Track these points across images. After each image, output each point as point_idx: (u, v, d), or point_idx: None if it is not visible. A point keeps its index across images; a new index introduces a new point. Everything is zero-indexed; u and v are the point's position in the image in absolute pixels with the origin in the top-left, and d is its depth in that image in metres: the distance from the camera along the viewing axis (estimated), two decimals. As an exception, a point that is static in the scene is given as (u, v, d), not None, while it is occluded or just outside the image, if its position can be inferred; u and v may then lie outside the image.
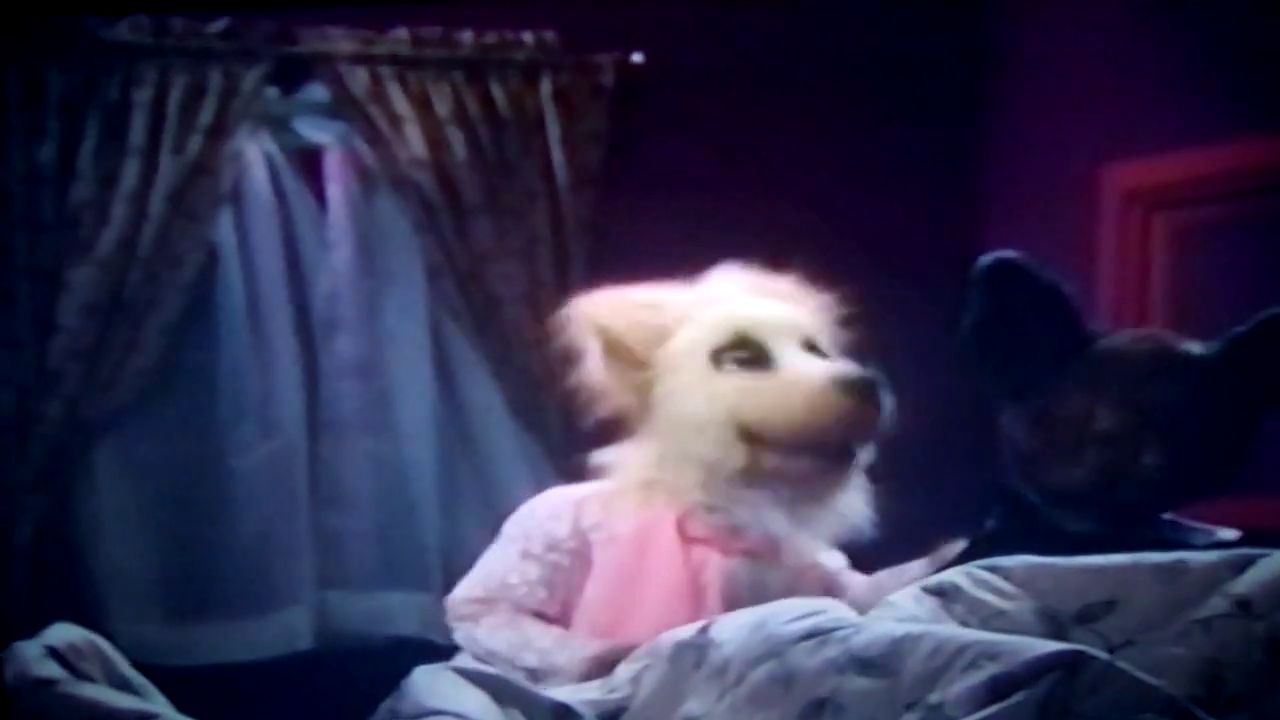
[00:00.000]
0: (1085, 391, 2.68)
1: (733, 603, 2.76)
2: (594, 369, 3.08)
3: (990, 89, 5.30)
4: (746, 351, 2.99)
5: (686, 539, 2.89)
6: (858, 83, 5.24)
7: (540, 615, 2.90)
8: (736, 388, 2.93)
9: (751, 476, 2.89)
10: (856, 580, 3.07)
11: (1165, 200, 4.69)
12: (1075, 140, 4.93)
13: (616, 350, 3.05)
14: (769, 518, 2.90)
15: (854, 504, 2.98)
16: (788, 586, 2.83)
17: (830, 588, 2.96)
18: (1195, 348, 2.76)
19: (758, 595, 2.78)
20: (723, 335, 3.04)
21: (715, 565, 2.87)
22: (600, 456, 3.05)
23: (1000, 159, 5.29)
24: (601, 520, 2.95)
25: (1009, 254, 2.76)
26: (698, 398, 2.95)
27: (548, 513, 3.02)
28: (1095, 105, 4.84)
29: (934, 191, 5.29)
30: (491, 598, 2.94)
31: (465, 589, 3.01)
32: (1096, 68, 4.85)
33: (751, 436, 2.89)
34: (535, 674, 2.72)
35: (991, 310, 2.75)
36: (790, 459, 2.89)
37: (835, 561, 3.09)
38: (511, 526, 3.06)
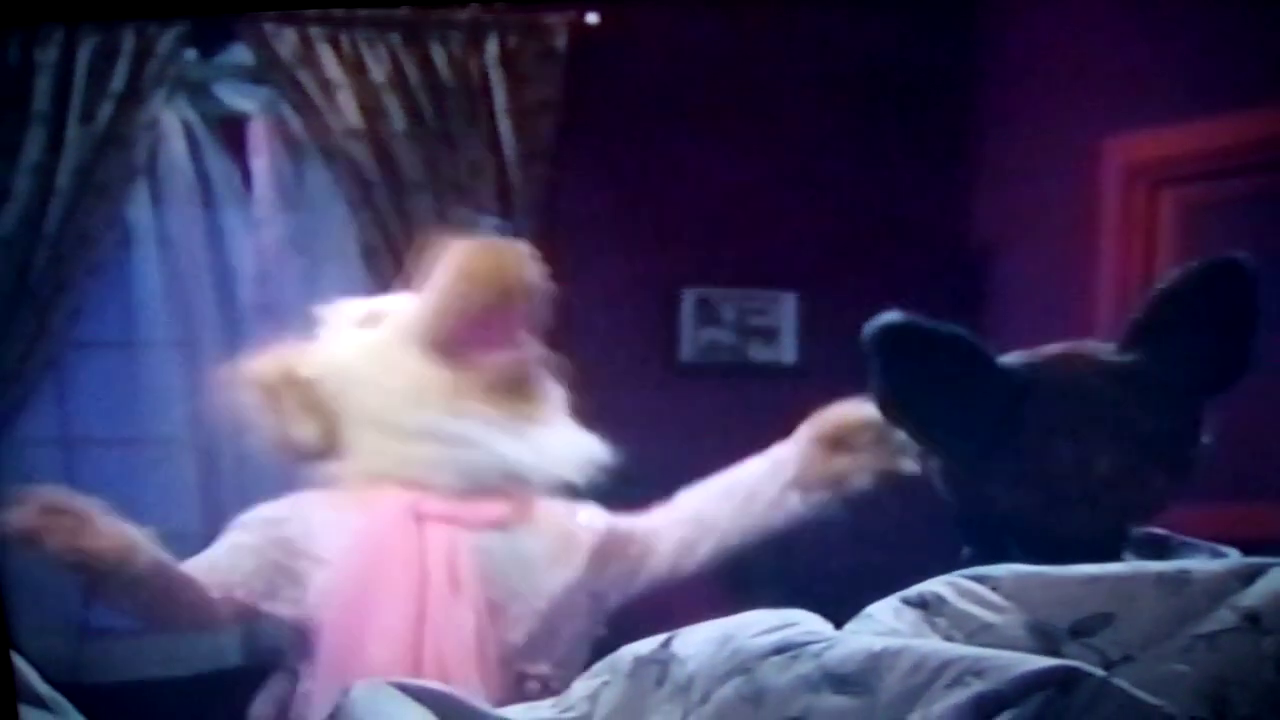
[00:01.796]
0: (1065, 437, 2.69)
1: (490, 579, 3.16)
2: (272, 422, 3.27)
3: (986, 56, 5.33)
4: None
5: (423, 521, 3.20)
6: (844, 49, 5.26)
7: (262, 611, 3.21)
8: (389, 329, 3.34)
9: (451, 400, 3.22)
10: (660, 521, 3.28)
11: (1173, 175, 4.72)
12: (1076, 110, 4.96)
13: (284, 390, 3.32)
14: (495, 444, 3.25)
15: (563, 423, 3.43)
16: (553, 553, 3.08)
17: (614, 546, 3.32)
18: (1117, 354, 2.79)
19: (520, 566, 3.23)
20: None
21: (462, 542, 3.10)
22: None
23: (996, 130, 5.33)
24: (334, 519, 3.24)
25: (897, 317, 2.77)
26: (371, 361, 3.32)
27: (277, 514, 3.18)
28: (1097, 72, 4.88)
29: (926, 167, 5.32)
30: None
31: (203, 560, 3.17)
32: (1099, 33, 4.88)
33: (435, 347, 3.25)
34: None
35: (900, 382, 2.76)
36: (472, 353, 3.28)
37: (602, 520, 3.46)
38: (238, 525, 3.22)
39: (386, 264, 4.94)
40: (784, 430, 5.24)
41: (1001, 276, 5.08)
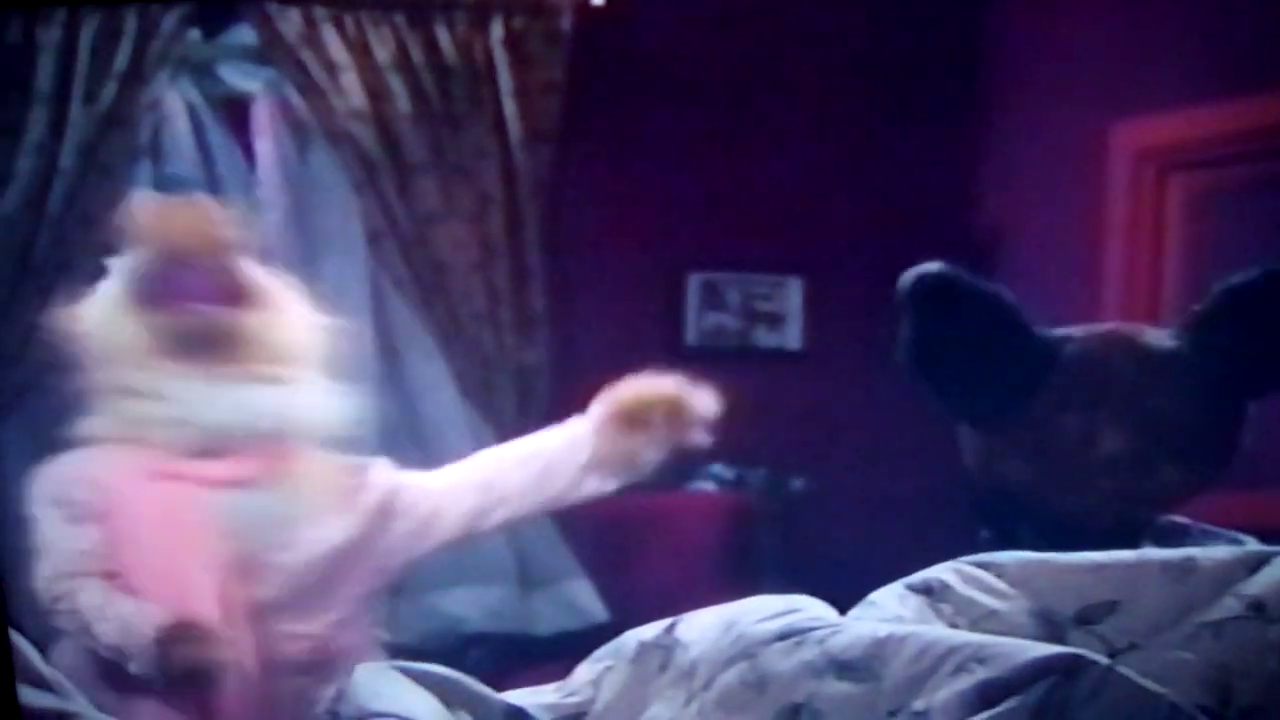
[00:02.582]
0: (1075, 412, 2.68)
1: (235, 536, 3.23)
2: None
3: (993, 41, 5.33)
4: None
5: (164, 481, 3.27)
6: (852, 33, 5.26)
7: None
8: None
9: (155, 356, 3.31)
10: (453, 482, 3.31)
11: (1181, 160, 4.72)
12: (1082, 94, 4.96)
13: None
14: (210, 401, 3.32)
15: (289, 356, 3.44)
16: (317, 510, 3.31)
17: (400, 505, 3.41)
18: (1165, 340, 2.77)
19: (269, 523, 3.28)
20: None
21: (202, 501, 3.23)
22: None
23: (1003, 115, 5.32)
24: (101, 482, 3.28)
25: (937, 268, 2.73)
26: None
27: (68, 477, 3.28)
28: (1105, 58, 4.87)
29: (933, 152, 5.31)
30: (76, 570, 3.20)
31: (55, 565, 3.22)
32: (1107, 17, 4.88)
33: (136, 303, 3.37)
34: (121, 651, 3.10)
35: (930, 336, 2.72)
36: (169, 310, 3.34)
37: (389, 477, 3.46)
38: (40, 497, 3.25)
39: (390, 247, 4.94)
40: (789, 416, 5.27)
41: (1009, 262, 5.08)
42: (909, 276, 2.72)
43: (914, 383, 2.79)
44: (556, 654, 4.45)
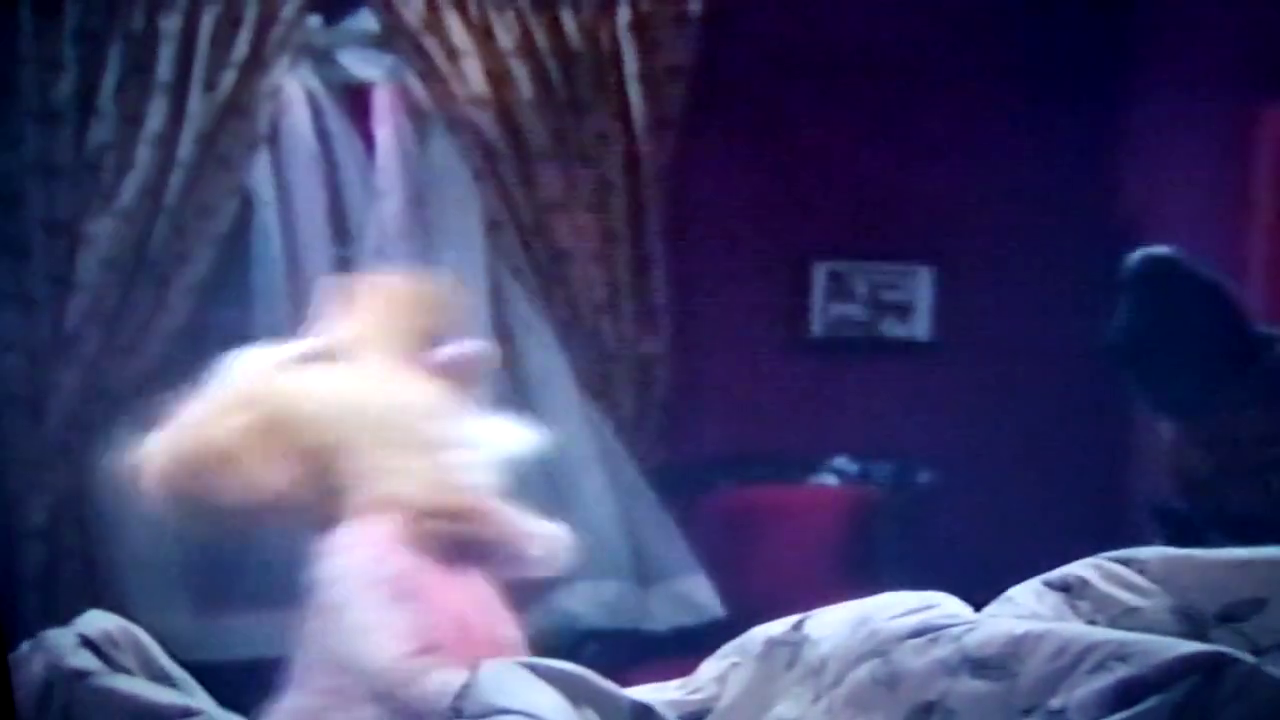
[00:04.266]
0: (1263, 408, 2.65)
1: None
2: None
3: (1137, 25, 5.28)
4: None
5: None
6: (989, 21, 5.22)
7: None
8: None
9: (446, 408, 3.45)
10: None
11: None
12: (1229, 79, 4.90)
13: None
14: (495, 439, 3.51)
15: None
16: None
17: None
18: None
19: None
20: None
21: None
22: None
23: (1144, 102, 5.27)
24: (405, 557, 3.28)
25: (1165, 250, 2.72)
26: None
27: (375, 555, 3.25)
28: (1254, 40, 4.81)
29: (1070, 140, 5.26)
30: (415, 649, 3.15)
31: (398, 645, 3.14)
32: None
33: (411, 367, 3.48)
34: None
35: (1147, 315, 2.70)
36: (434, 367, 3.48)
37: None
38: (355, 577, 3.24)
39: (509, 236, 4.96)
40: (916, 407, 5.25)
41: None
42: (1135, 256, 2.73)
43: (1120, 365, 2.78)
44: (673, 650, 4.46)
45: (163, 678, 2.34)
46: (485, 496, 3.38)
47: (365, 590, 3.19)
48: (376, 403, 3.40)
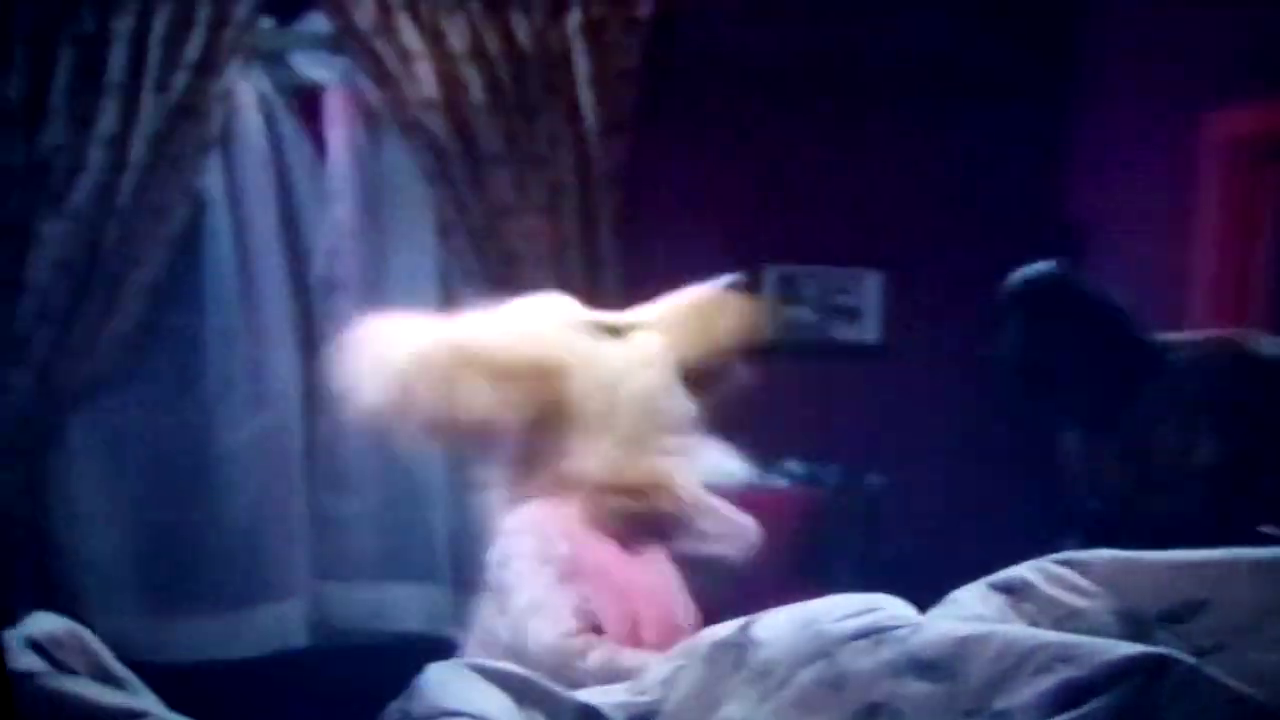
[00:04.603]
0: (1174, 419, 2.66)
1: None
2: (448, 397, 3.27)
3: (1082, 31, 5.31)
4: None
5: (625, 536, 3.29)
6: (937, 24, 5.24)
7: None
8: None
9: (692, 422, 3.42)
10: None
11: (1275, 150, 4.69)
12: (1173, 85, 4.93)
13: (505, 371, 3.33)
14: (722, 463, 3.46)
15: None
16: None
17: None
18: (1272, 348, 2.74)
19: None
20: None
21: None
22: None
23: (1091, 108, 5.30)
24: (578, 537, 3.25)
25: (1048, 267, 2.73)
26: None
27: (548, 533, 3.23)
28: (1200, 45, 4.84)
29: (1017, 145, 5.29)
30: (582, 627, 3.15)
31: (563, 625, 3.13)
32: (1197, 4, 4.84)
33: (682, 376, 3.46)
34: None
35: (1039, 337, 2.71)
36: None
37: None
38: (525, 554, 3.21)
39: (461, 238, 4.96)
40: (865, 410, 5.26)
41: (1095, 256, 5.05)
42: (1018, 276, 2.73)
43: (1018, 383, 2.79)
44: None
45: (109, 679, 2.32)
46: (669, 472, 3.36)
47: (534, 570, 3.19)
48: (640, 399, 3.40)
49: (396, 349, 3.29)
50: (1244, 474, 2.68)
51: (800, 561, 4.82)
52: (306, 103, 5.06)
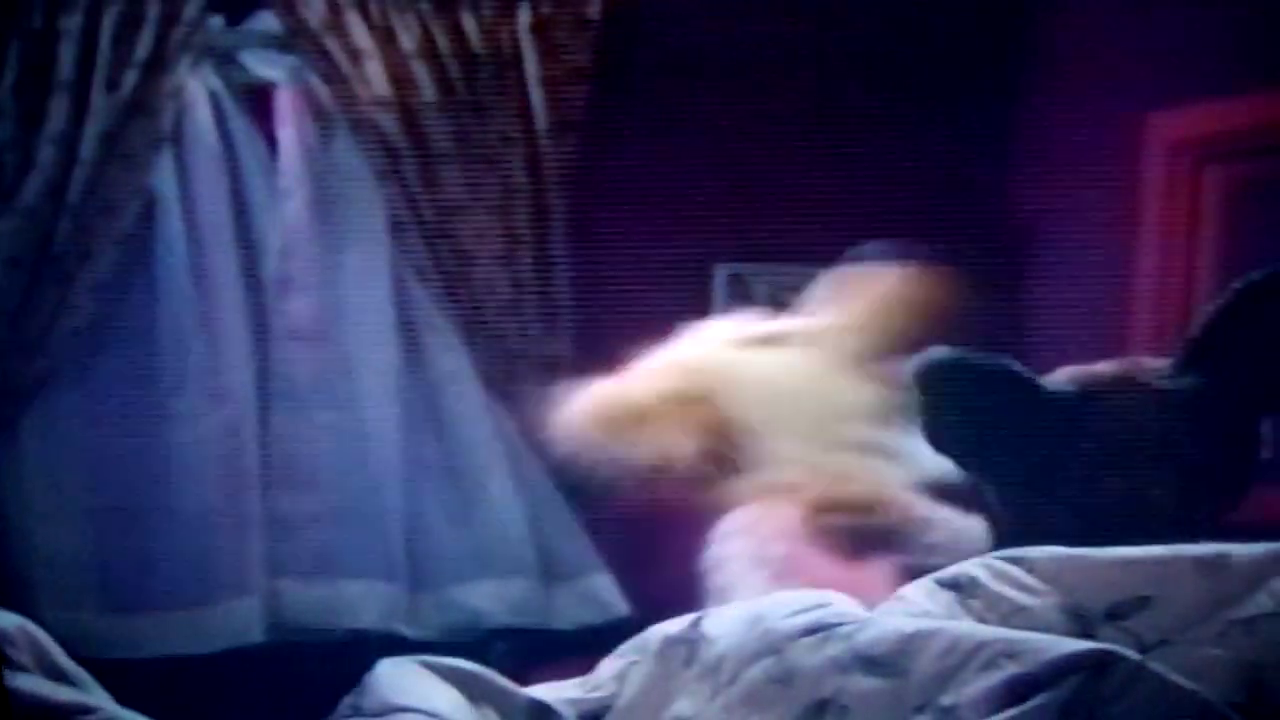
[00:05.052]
0: (1115, 471, 2.69)
1: None
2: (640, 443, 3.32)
3: (1027, 29, 5.32)
4: None
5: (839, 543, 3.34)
6: (885, 23, 5.26)
7: None
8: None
9: (879, 414, 3.44)
10: None
11: (1218, 152, 4.71)
12: (1117, 84, 4.95)
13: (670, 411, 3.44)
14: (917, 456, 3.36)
15: None
16: None
17: None
18: (1168, 376, 2.77)
19: None
20: None
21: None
22: None
23: (1036, 107, 5.32)
24: (793, 540, 3.34)
25: (943, 352, 2.78)
26: None
27: (765, 534, 3.27)
28: (1142, 46, 4.86)
29: (964, 144, 5.31)
30: None
31: None
32: (1143, 5, 4.87)
33: (861, 366, 3.51)
34: None
35: (945, 416, 2.77)
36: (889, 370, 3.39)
37: None
38: (740, 555, 3.26)
39: (413, 237, 4.96)
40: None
41: (1041, 256, 5.08)
42: (916, 363, 2.79)
43: (946, 456, 2.85)
44: (578, 649, 4.47)
45: (58, 675, 2.32)
46: (890, 488, 3.35)
47: (749, 572, 3.19)
48: (812, 396, 3.38)
49: (571, 418, 3.34)
50: (1148, 507, 2.72)
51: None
52: (257, 101, 5.05)
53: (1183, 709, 1.95)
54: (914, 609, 2.31)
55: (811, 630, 2.23)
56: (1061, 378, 2.82)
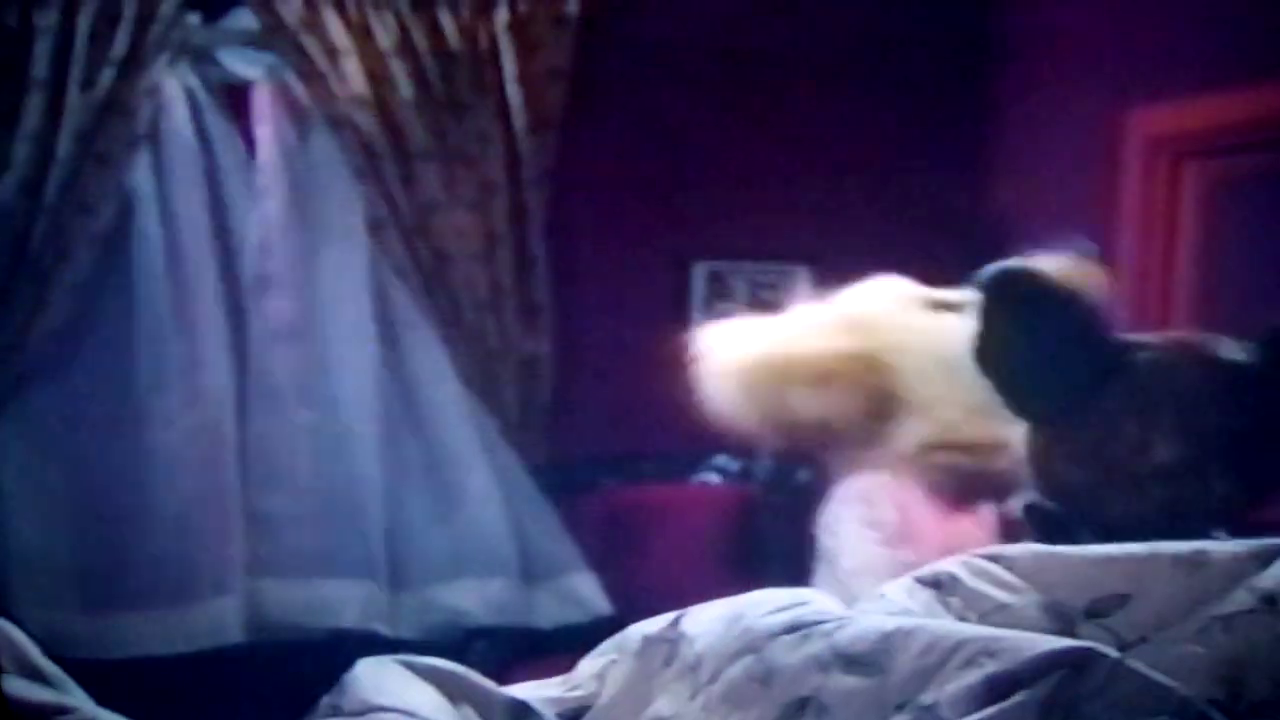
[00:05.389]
0: (1134, 418, 2.67)
1: None
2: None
3: (1005, 28, 5.33)
4: None
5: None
6: (862, 21, 5.26)
7: None
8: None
9: None
10: None
11: (1196, 148, 4.73)
12: (1096, 82, 4.96)
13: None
14: None
15: None
16: None
17: None
18: (1239, 354, 2.76)
19: None
20: None
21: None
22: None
23: (1015, 104, 5.33)
24: (909, 509, 3.37)
25: (1017, 264, 2.75)
26: None
27: (881, 500, 3.36)
28: (1121, 43, 4.87)
29: (942, 141, 5.32)
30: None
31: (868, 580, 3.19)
32: (1121, 4, 4.88)
33: None
34: None
35: (1006, 331, 2.73)
36: None
37: None
38: (853, 518, 3.27)
39: (392, 235, 4.95)
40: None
41: (1019, 251, 5.08)
42: (987, 272, 2.74)
43: (986, 373, 2.82)
44: (559, 647, 4.48)
45: (35, 675, 2.31)
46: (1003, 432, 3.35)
47: (861, 535, 3.21)
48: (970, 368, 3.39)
49: (730, 362, 3.34)
50: (1199, 477, 2.70)
51: (733, 556, 4.85)
52: (234, 99, 5.05)
53: (1162, 706, 1.94)
54: (894, 607, 2.31)
55: (791, 628, 2.22)
56: (1132, 335, 2.79)
